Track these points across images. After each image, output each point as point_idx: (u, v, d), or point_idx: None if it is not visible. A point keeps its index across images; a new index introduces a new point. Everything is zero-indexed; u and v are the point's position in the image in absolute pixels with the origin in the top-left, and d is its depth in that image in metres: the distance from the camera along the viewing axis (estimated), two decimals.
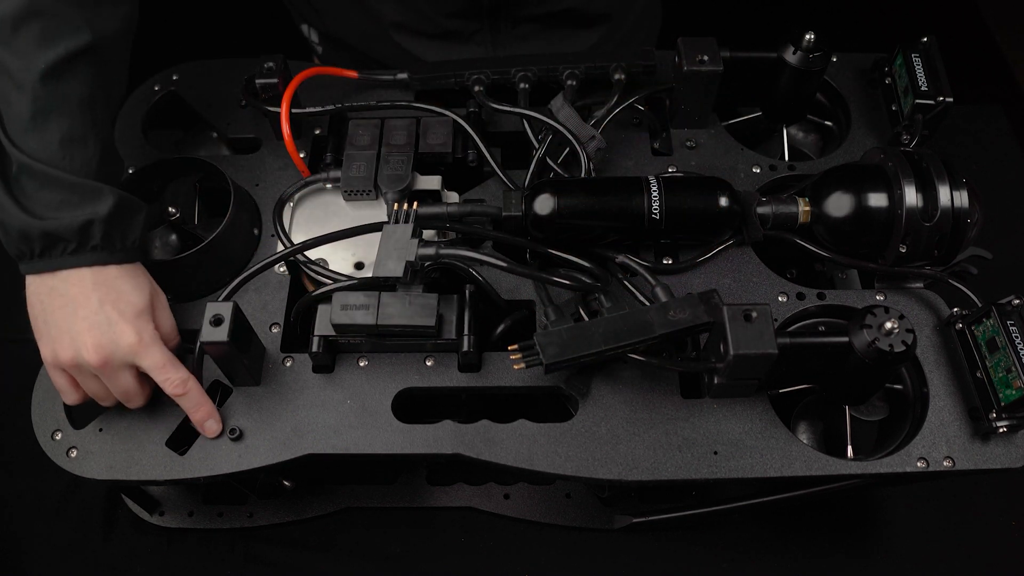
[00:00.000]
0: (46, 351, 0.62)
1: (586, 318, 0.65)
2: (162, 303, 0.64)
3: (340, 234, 0.67)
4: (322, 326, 0.64)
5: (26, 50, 0.59)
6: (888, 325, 0.57)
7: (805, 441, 0.65)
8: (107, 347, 0.59)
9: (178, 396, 0.62)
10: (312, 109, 0.77)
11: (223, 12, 1.42)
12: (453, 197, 0.74)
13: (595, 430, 0.63)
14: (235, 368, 0.64)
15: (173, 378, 0.61)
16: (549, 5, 0.85)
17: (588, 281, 0.65)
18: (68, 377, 0.62)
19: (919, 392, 0.66)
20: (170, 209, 0.72)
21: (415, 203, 0.67)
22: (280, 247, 0.71)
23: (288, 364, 0.67)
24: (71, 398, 0.63)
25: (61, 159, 0.60)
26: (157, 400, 0.65)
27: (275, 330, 0.68)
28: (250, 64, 0.79)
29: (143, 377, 0.63)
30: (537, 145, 0.73)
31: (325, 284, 0.66)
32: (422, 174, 0.73)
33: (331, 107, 0.77)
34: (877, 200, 0.65)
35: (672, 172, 0.75)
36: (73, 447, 0.64)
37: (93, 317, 0.59)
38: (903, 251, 0.66)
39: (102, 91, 0.63)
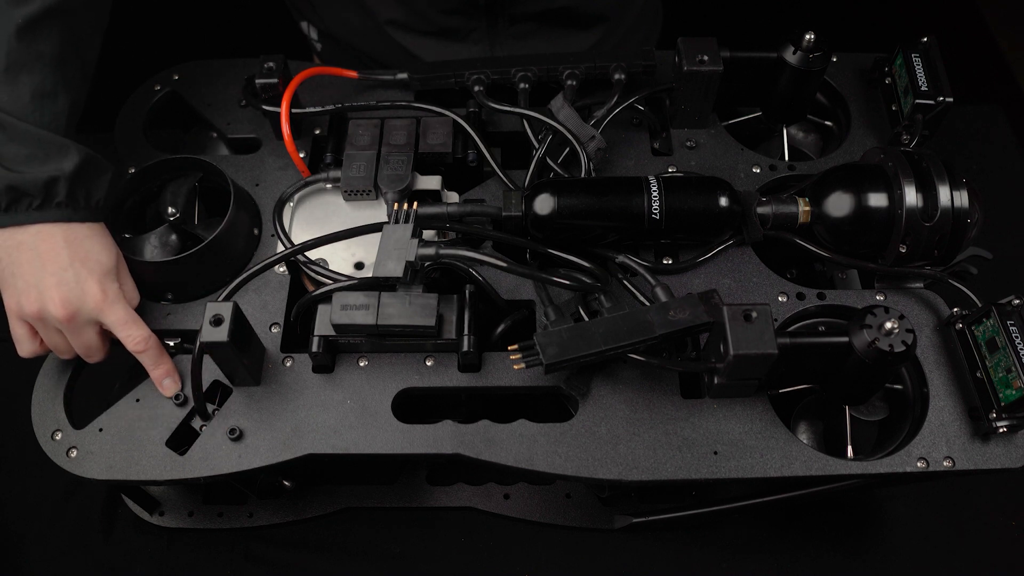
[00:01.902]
0: (11, 302, 0.63)
1: (586, 318, 0.65)
2: (124, 265, 0.67)
3: (340, 234, 0.67)
4: (322, 326, 0.64)
5: (2, 7, 0.61)
6: (888, 325, 0.57)
7: (805, 441, 0.65)
8: (74, 303, 0.61)
9: (138, 353, 0.64)
10: (312, 109, 0.77)
11: (223, 12, 1.42)
12: (453, 197, 0.74)
13: (595, 430, 0.63)
14: (235, 368, 0.64)
15: (135, 335, 0.63)
16: (546, 3, 0.85)
17: (588, 281, 0.65)
18: (28, 328, 0.64)
19: (919, 392, 0.66)
20: (170, 209, 0.72)
21: (415, 203, 0.67)
22: (280, 247, 0.71)
23: (288, 364, 0.67)
24: (27, 348, 0.65)
25: (31, 112, 0.62)
26: (157, 400, 0.66)
27: (275, 330, 0.68)
28: (250, 64, 0.79)
29: (104, 333, 0.65)
30: (537, 145, 0.73)
31: (325, 284, 0.66)
32: (422, 174, 0.73)
33: (331, 107, 0.77)
34: (877, 200, 0.65)
35: (672, 172, 0.75)
36: (73, 447, 0.64)
37: (62, 273, 0.61)
38: (903, 251, 0.66)
39: (74, 50, 0.65)
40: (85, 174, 0.63)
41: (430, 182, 0.73)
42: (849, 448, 0.66)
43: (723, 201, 0.67)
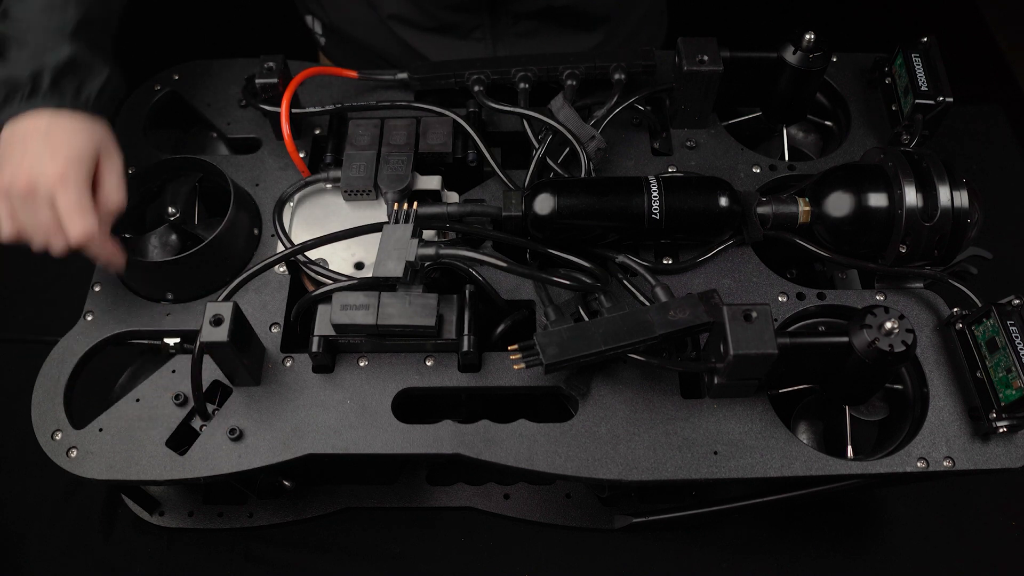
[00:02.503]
0: None
1: (586, 318, 0.65)
2: (114, 166, 0.66)
3: (340, 234, 0.67)
4: (322, 326, 0.64)
5: None
6: (888, 325, 0.57)
7: (805, 441, 0.65)
8: (34, 176, 0.62)
9: (80, 246, 0.63)
10: (312, 109, 0.77)
11: (223, 12, 1.42)
12: (453, 197, 0.74)
13: (595, 430, 0.63)
14: (235, 368, 0.64)
15: (76, 224, 0.62)
16: (547, 0, 0.85)
17: (588, 281, 0.65)
18: (7, 207, 0.64)
19: (919, 392, 0.66)
20: (170, 209, 0.72)
21: (415, 203, 0.67)
22: (280, 247, 0.71)
23: (288, 364, 0.67)
24: (5, 229, 0.64)
25: (38, 20, 0.66)
26: (157, 400, 0.66)
27: (275, 330, 0.68)
28: (250, 64, 0.79)
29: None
30: (537, 145, 0.73)
31: (325, 284, 0.66)
32: (422, 174, 0.73)
33: (331, 107, 0.77)
34: (877, 200, 0.65)
35: (672, 172, 0.75)
36: (73, 447, 0.64)
37: (34, 149, 0.63)
38: (903, 251, 0.66)
39: None
40: (73, 68, 0.66)
41: (430, 182, 0.73)
42: (849, 448, 0.66)
43: (723, 201, 0.67)
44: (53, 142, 0.63)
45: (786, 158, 0.79)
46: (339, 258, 0.70)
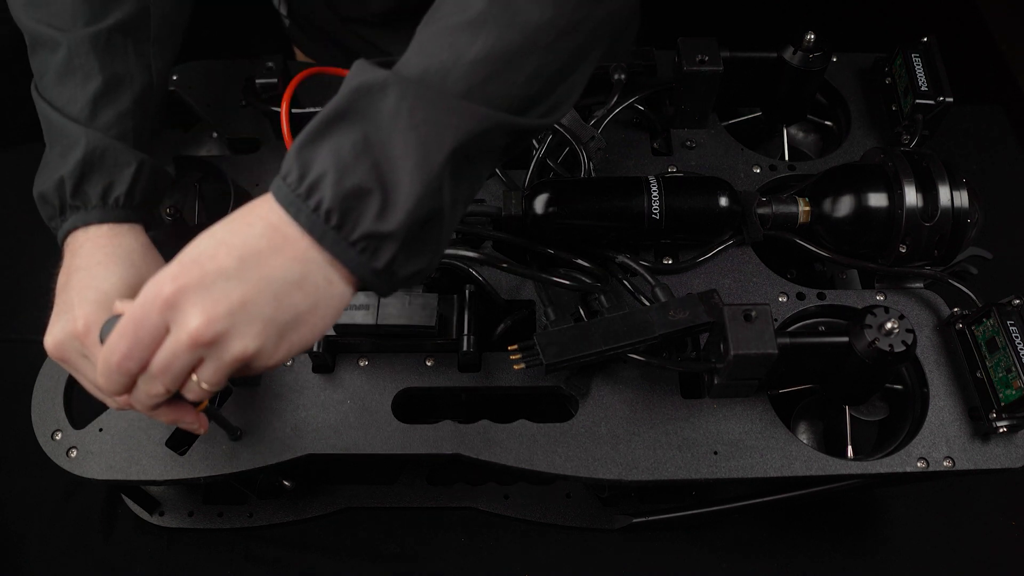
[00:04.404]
0: None
1: (586, 318, 0.65)
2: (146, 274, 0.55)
3: None
4: None
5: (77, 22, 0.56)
6: (888, 325, 0.57)
7: (805, 441, 0.65)
8: (61, 339, 0.52)
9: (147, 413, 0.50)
10: (312, 109, 0.76)
11: (223, 12, 1.41)
12: None
13: (595, 430, 0.63)
14: None
15: (108, 392, 0.47)
16: None
17: (588, 281, 0.65)
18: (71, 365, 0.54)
19: (919, 392, 0.66)
20: (170, 209, 0.72)
21: None
22: None
23: (288, 364, 0.66)
24: (91, 389, 0.54)
25: (59, 96, 0.56)
26: None
27: None
28: (250, 64, 0.79)
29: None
30: (537, 145, 0.73)
31: None
32: None
33: None
34: (877, 200, 0.65)
35: (672, 172, 0.75)
36: (73, 447, 0.64)
37: (61, 297, 0.53)
38: (903, 251, 0.66)
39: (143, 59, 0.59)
40: (91, 166, 0.55)
41: None
42: (849, 448, 0.66)
43: (723, 201, 0.67)
44: (80, 281, 0.52)
45: (786, 158, 0.79)
46: None
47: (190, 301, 0.42)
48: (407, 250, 0.43)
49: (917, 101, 0.73)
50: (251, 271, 0.42)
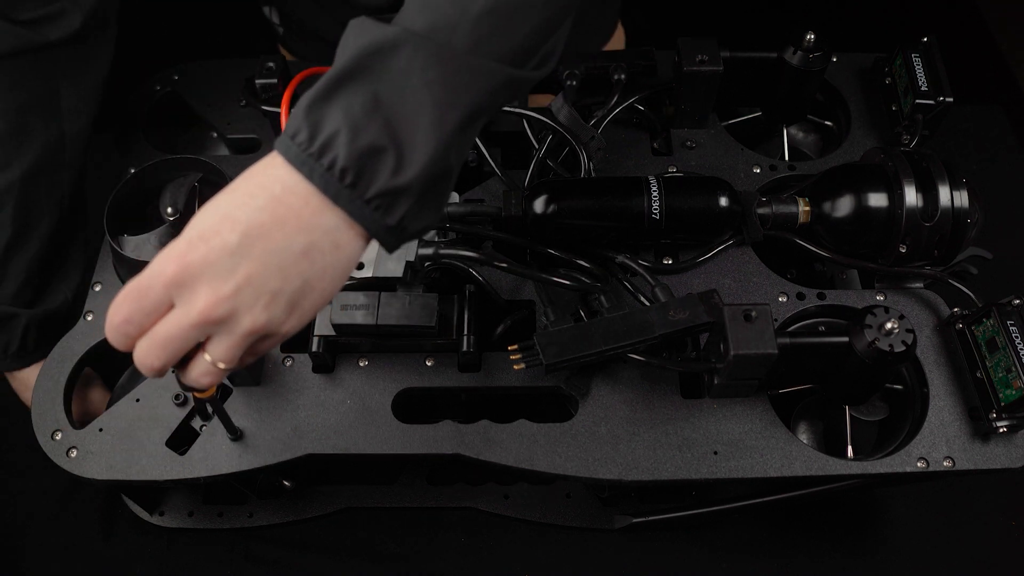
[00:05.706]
0: None
1: (586, 318, 0.65)
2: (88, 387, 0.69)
3: None
4: (322, 326, 0.64)
5: None
6: (888, 325, 0.57)
7: (805, 441, 0.65)
8: None
9: None
10: None
11: (223, 12, 1.42)
12: (453, 197, 0.73)
13: (595, 430, 0.63)
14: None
15: None
16: None
17: (588, 281, 0.65)
18: None
19: (919, 392, 0.66)
20: (169, 209, 0.72)
21: None
22: None
23: (288, 364, 0.66)
24: None
25: None
26: (157, 400, 0.65)
27: None
28: (250, 64, 0.79)
29: None
30: (537, 145, 0.73)
31: None
32: None
33: None
34: (877, 200, 0.65)
35: (672, 172, 0.75)
36: (73, 447, 0.64)
37: None
38: (903, 251, 0.66)
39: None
40: None
41: None
42: (849, 448, 0.66)
43: (723, 201, 0.67)
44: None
45: (786, 158, 0.79)
46: None
47: (196, 280, 0.42)
48: (419, 205, 0.44)
49: (917, 101, 0.73)
50: (256, 246, 0.42)
